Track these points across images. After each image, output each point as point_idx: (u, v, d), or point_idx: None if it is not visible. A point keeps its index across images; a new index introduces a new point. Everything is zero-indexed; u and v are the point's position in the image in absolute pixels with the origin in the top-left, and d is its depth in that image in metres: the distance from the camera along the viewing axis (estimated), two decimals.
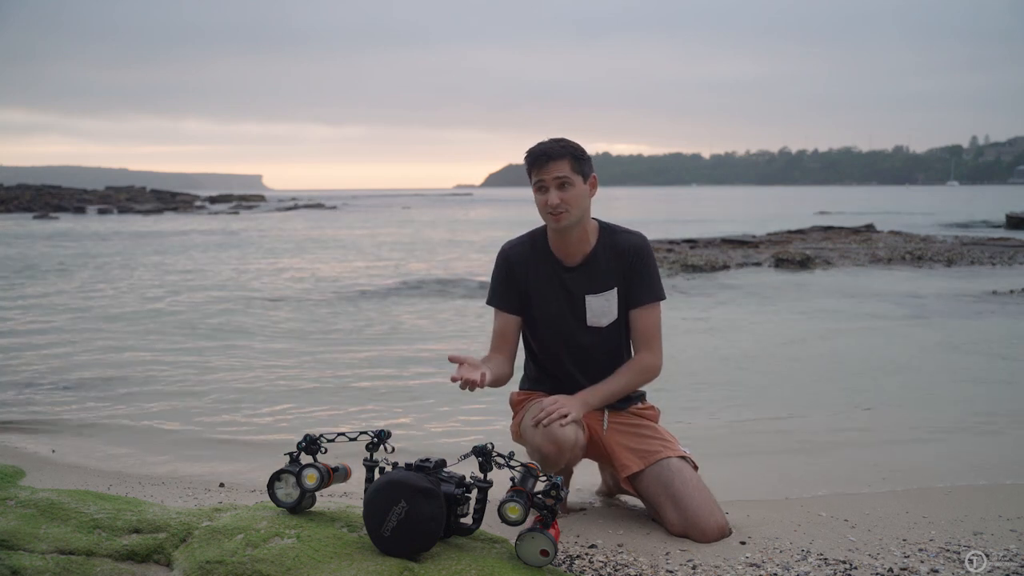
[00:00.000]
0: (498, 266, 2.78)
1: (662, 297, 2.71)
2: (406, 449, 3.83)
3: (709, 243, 18.29)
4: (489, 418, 4.70)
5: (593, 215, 2.75)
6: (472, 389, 2.38)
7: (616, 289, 2.68)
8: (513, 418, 2.83)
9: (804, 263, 14.48)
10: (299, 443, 2.39)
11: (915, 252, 15.70)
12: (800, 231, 21.22)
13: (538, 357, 2.81)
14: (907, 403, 5.13)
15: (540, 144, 2.62)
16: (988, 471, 3.51)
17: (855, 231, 20.90)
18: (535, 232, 2.78)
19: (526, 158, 2.64)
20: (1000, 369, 6.25)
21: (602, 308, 2.68)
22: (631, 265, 2.67)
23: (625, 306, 2.70)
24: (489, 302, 2.80)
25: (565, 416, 2.49)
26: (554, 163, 2.56)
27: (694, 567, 2.31)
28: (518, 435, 2.75)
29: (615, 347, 2.73)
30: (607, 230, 2.73)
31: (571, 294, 2.69)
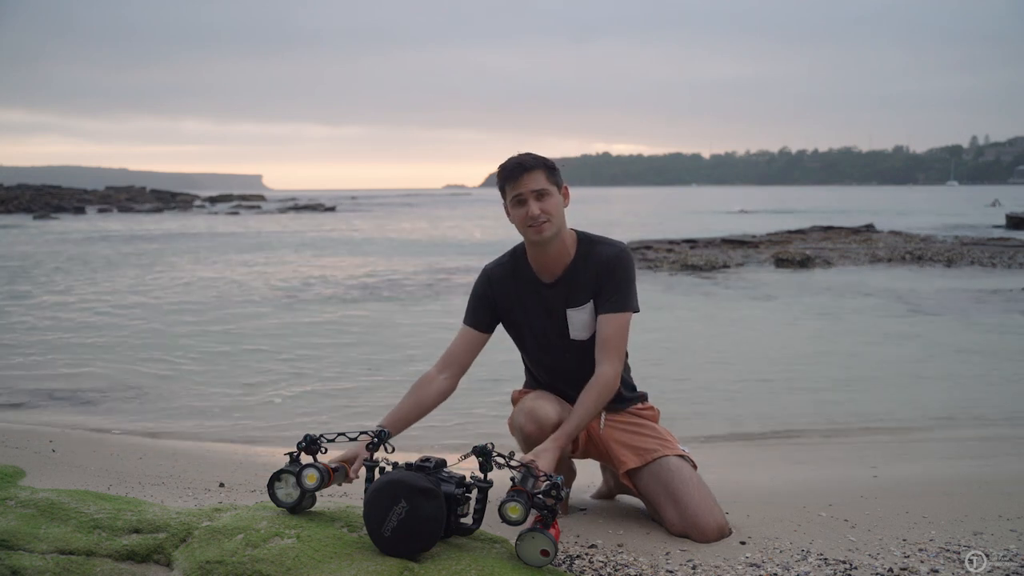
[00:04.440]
0: (477, 285, 2.75)
1: (632, 309, 2.61)
2: (406, 448, 3.83)
3: (709, 243, 18.29)
4: (489, 418, 4.70)
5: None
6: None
7: (592, 301, 2.63)
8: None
9: (804, 263, 14.49)
10: (299, 443, 2.39)
11: (915, 252, 15.71)
12: (800, 231, 21.24)
13: (532, 369, 2.83)
14: (908, 402, 5.13)
15: (511, 159, 2.57)
16: (989, 471, 3.51)
17: (855, 231, 20.90)
18: (515, 250, 2.74)
19: (499, 174, 2.58)
20: (1001, 368, 6.25)
21: (583, 321, 2.64)
22: (604, 274, 2.61)
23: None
24: (464, 320, 2.76)
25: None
26: (529, 175, 2.52)
27: (694, 567, 2.31)
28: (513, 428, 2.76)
29: None
30: (585, 240, 2.68)
31: (551, 310, 2.65)
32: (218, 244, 22.28)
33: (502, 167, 2.58)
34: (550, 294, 2.66)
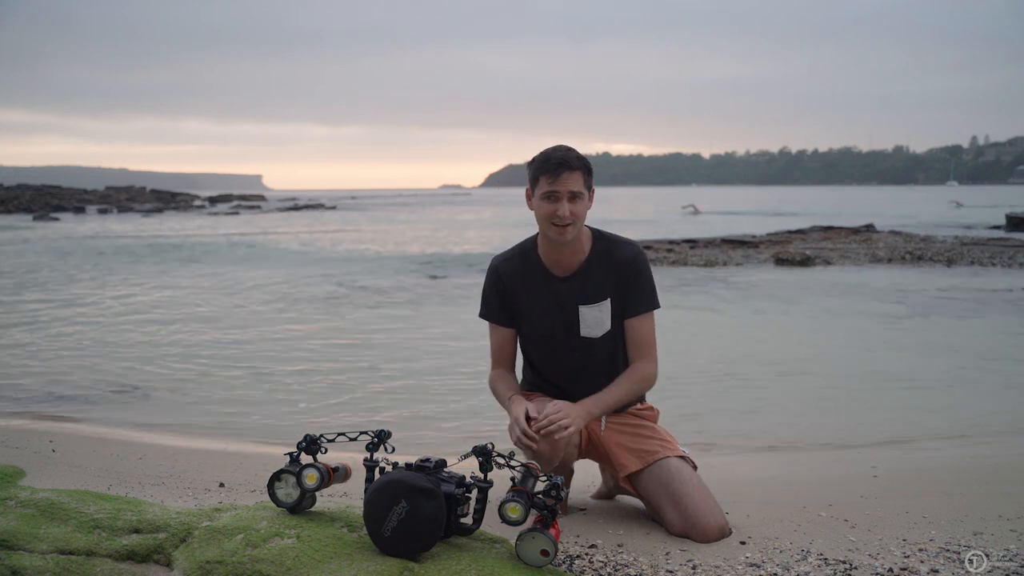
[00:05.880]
0: (488, 281, 2.74)
1: (657, 306, 2.69)
2: (406, 448, 3.83)
3: (709, 243, 18.30)
4: (489, 418, 4.70)
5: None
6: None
7: (610, 300, 2.64)
8: None
9: (804, 263, 14.50)
10: (299, 443, 2.39)
11: (915, 252, 15.71)
12: (800, 231, 21.27)
13: (534, 365, 2.81)
14: (906, 402, 5.13)
15: (556, 151, 2.53)
16: (989, 471, 3.51)
17: (855, 231, 20.92)
18: (525, 244, 2.73)
19: (540, 163, 2.53)
20: (1000, 368, 6.25)
21: (596, 319, 2.64)
22: (626, 277, 2.63)
23: (620, 316, 2.67)
24: (482, 315, 2.77)
25: (566, 428, 2.43)
26: (570, 175, 2.50)
27: (694, 567, 2.31)
28: None
29: (609, 358, 2.70)
30: (601, 238, 2.68)
31: (563, 305, 2.65)
32: (220, 246, 22.28)
33: (546, 158, 2.53)
34: (563, 288, 2.65)
